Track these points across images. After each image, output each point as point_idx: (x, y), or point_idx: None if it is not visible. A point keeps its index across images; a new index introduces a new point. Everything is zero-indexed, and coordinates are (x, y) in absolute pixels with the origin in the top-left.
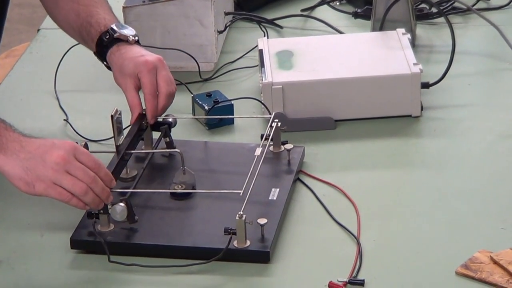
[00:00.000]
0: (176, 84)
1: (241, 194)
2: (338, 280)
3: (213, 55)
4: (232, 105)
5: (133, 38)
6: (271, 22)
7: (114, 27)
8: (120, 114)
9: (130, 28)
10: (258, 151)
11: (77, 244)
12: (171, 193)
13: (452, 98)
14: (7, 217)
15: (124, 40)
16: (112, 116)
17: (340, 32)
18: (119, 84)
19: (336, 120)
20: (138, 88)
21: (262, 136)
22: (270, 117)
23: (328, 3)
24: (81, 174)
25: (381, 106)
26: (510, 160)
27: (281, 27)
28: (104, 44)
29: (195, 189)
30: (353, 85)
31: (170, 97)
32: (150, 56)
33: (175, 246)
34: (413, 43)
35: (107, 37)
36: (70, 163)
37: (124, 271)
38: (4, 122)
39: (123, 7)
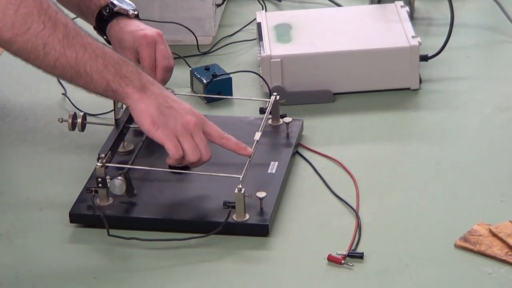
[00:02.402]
0: (174, 58)
1: (240, 179)
2: (337, 253)
3: (211, 29)
4: (231, 78)
5: (133, 12)
6: None
7: (114, 1)
8: None
9: (130, 2)
10: (257, 136)
11: (76, 218)
12: (169, 166)
13: (451, 70)
14: (7, 191)
15: (124, 14)
16: None
17: (339, 5)
18: None
19: (335, 93)
20: (138, 61)
21: (261, 109)
22: (268, 100)
23: None
24: (202, 145)
25: (380, 79)
26: (509, 132)
27: (279, 0)
28: (104, 18)
29: None
30: (351, 58)
31: (168, 71)
32: (149, 30)
33: (174, 220)
34: (412, 16)
35: (107, 11)
36: (197, 131)
37: (123, 245)
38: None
39: None
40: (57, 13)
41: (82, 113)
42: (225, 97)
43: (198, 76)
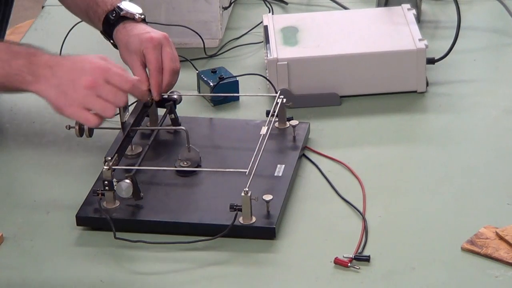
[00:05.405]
0: (181, 61)
1: (246, 173)
2: (343, 256)
3: (218, 32)
4: (237, 81)
5: (140, 16)
6: None
7: (121, 6)
8: None
9: (137, 6)
10: (263, 130)
11: (83, 221)
12: (175, 166)
13: (458, 73)
14: (14, 194)
15: (130, 18)
16: None
17: (345, 8)
18: (125, 61)
19: (342, 96)
20: (144, 65)
21: (267, 112)
22: (276, 95)
23: None
24: (112, 97)
25: (387, 82)
26: None
27: (286, 3)
28: (111, 23)
29: (200, 165)
30: (358, 61)
31: (174, 74)
32: (155, 33)
33: (180, 223)
34: (419, 19)
35: (114, 15)
36: (101, 87)
37: (129, 248)
38: (32, 47)
39: None
40: None
41: None
42: (231, 94)
43: (205, 79)
